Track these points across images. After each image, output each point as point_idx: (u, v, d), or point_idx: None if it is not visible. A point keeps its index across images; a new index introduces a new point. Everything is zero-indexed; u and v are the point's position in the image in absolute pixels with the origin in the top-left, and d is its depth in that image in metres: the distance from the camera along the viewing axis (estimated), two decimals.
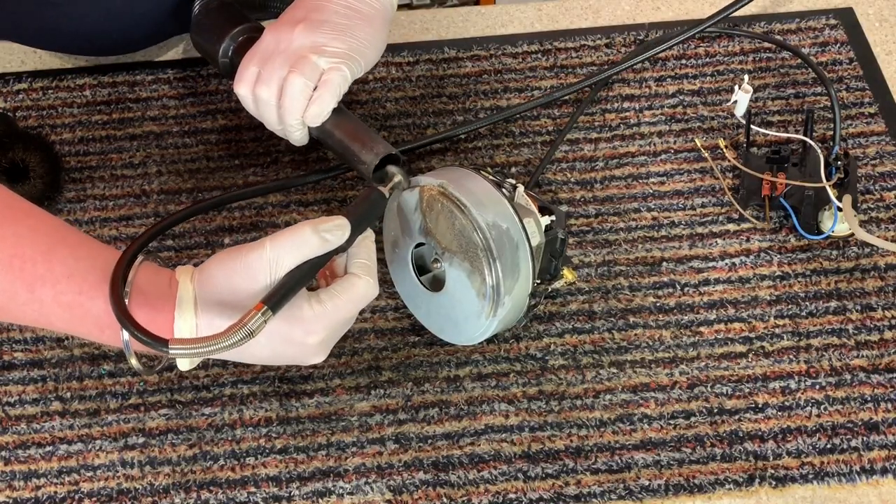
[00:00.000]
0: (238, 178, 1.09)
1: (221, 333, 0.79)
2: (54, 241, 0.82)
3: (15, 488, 0.92)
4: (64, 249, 0.82)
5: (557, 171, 1.09)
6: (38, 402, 0.97)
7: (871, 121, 1.11)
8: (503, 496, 0.91)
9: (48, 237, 0.82)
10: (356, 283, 0.85)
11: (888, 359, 0.97)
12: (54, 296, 0.82)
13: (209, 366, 0.98)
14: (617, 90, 1.14)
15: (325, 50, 0.98)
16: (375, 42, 1.01)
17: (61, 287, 0.82)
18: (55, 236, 0.83)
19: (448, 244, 0.93)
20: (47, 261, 0.81)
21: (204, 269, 0.84)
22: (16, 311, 0.83)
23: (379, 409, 0.96)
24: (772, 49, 1.16)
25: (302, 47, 0.98)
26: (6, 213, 0.83)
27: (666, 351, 0.98)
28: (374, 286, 0.86)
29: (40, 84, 1.15)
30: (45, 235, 0.82)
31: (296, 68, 0.97)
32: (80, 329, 0.84)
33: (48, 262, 0.81)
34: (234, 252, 0.83)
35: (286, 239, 0.82)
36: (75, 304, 0.82)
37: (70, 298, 0.82)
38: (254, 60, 1.00)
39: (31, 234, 0.82)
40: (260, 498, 0.92)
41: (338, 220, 0.84)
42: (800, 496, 0.91)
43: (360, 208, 0.88)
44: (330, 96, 0.98)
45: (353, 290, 0.85)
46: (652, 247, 1.04)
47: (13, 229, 0.82)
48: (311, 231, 0.83)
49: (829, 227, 1.02)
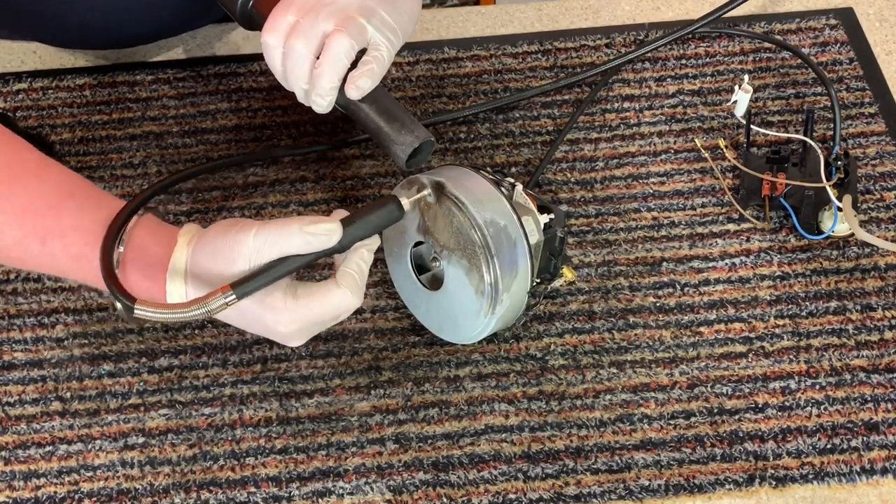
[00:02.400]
0: (238, 179, 1.09)
1: (184, 304, 0.82)
2: (63, 195, 0.85)
3: (15, 488, 0.92)
4: (72, 203, 0.85)
5: (557, 171, 1.09)
6: (38, 402, 0.97)
7: (871, 121, 1.11)
8: (503, 496, 0.91)
9: (58, 191, 0.85)
10: (332, 292, 0.84)
11: (888, 359, 0.97)
12: (63, 248, 0.84)
13: (209, 366, 0.98)
14: (617, 90, 1.14)
15: (375, 15, 0.90)
16: (413, 19, 0.94)
17: (69, 239, 0.84)
18: (65, 190, 0.85)
19: (446, 242, 0.93)
20: (56, 214, 0.84)
21: (201, 236, 0.85)
22: (31, 262, 0.87)
23: (379, 409, 0.96)
24: (772, 49, 1.16)
25: (350, 6, 0.90)
26: (19, 168, 0.85)
27: (666, 351, 0.98)
28: (351, 299, 0.85)
29: (40, 84, 1.15)
30: (56, 189, 0.85)
31: (343, 27, 0.89)
32: (88, 279, 0.86)
33: (57, 215, 0.84)
34: (229, 227, 0.84)
35: (271, 232, 0.83)
36: (82, 255, 0.84)
37: (77, 250, 0.84)
38: (291, 9, 0.90)
39: (42, 187, 0.85)
40: (260, 498, 0.92)
41: (329, 225, 0.83)
42: (800, 496, 0.91)
43: (368, 213, 0.87)
44: (379, 69, 0.90)
45: (326, 297, 0.84)
46: (652, 247, 1.04)
47: (25, 183, 0.84)
48: (297, 230, 0.83)
49: (829, 227, 1.02)
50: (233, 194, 1.08)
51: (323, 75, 0.90)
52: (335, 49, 0.89)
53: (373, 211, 0.87)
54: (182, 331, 1.00)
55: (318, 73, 0.90)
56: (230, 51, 1.18)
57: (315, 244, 0.83)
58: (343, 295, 0.85)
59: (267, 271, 0.83)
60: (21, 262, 0.88)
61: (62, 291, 1.02)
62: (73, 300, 1.02)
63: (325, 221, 0.84)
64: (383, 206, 0.88)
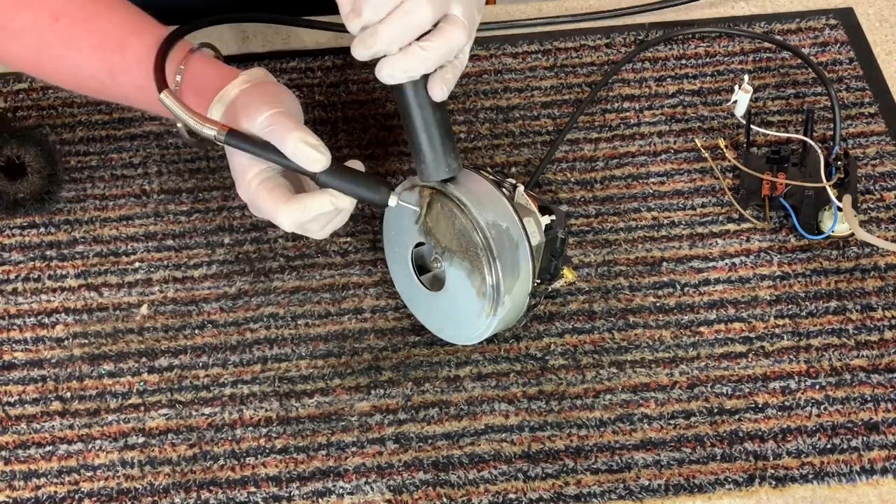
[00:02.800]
0: None
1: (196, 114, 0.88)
2: (128, 33, 0.94)
3: (15, 488, 0.92)
4: (136, 40, 0.93)
5: (557, 171, 1.09)
6: (38, 402, 0.97)
7: (871, 121, 1.11)
8: (503, 496, 0.91)
9: (123, 29, 0.94)
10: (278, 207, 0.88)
11: (888, 359, 0.97)
12: (129, 80, 0.94)
13: (209, 366, 0.98)
14: (617, 90, 1.14)
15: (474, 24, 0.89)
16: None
17: (134, 73, 0.94)
18: (129, 28, 0.94)
19: (448, 244, 0.93)
20: (122, 51, 0.93)
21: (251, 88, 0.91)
22: (106, 92, 0.97)
23: (379, 409, 0.96)
24: (772, 49, 1.17)
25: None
26: (92, 9, 0.95)
27: (666, 351, 0.98)
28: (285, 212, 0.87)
29: (40, 84, 1.15)
30: (121, 27, 0.94)
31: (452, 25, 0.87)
32: (151, 107, 0.96)
33: (122, 52, 0.93)
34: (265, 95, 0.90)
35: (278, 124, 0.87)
36: (146, 87, 0.92)
37: (141, 82, 0.93)
38: None
39: (109, 27, 0.94)
40: (260, 498, 0.92)
41: (318, 155, 0.87)
42: (800, 496, 0.91)
43: (358, 177, 0.89)
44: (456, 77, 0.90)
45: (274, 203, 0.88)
46: (652, 247, 1.04)
47: (97, 24, 0.94)
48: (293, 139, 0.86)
49: (829, 227, 1.02)
50: (233, 194, 1.08)
51: (426, 60, 0.87)
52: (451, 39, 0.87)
53: (364, 179, 0.89)
54: (182, 330, 1.00)
55: (421, 54, 0.87)
56: (230, 51, 1.18)
57: (297, 156, 0.87)
58: (282, 213, 0.88)
59: (258, 145, 0.88)
60: (98, 92, 0.98)
61: (62, 291, 1.02)
62: (73, 300, 1.02)
63: (320, 151, 0.87)
64: (375, 183, 0.90)
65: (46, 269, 1.04)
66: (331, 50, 1.18)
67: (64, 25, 0.93)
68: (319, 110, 1.14)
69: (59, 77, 0.97)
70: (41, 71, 0.98)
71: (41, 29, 0.93)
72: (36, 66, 0.97)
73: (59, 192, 1.07)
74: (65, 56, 0.94)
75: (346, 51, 1.17)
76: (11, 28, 0.93)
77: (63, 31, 0.93)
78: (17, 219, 1.06)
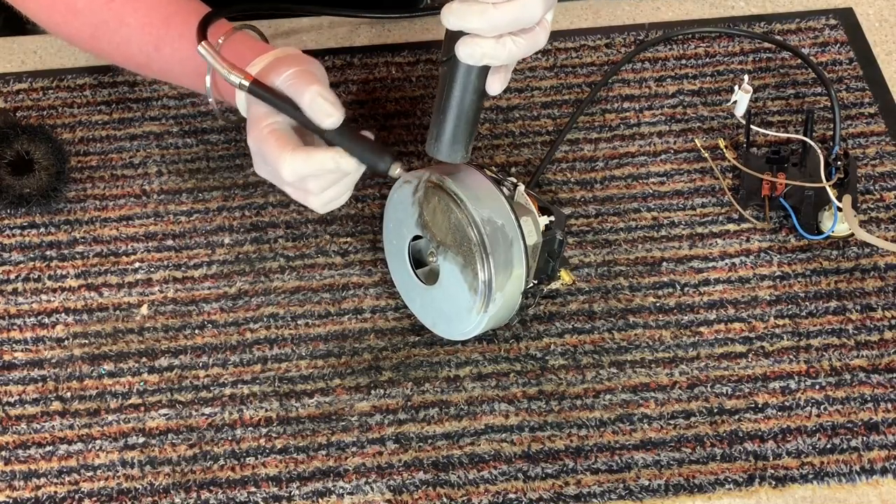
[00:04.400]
0: (238, 178, 1.09)
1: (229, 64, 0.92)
2: (173, 11, 1.01)
3: (15, 488, 0.92)
4: (179, 17, 1.00)
5: (557, 171, 1.09)
6: (38, 402, 0.97)
7: (871, 121, 1.11)
8: (503, 496, 0.91)
9: (168, 7, 1.01)
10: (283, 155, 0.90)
11: (888, 359, 0.97)
12: (172, 52, 1.00)
13: (209, 366, 0.98)
14: (617, 90, 1.14)
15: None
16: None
17: (176, 45, 1.00)
18: (174, 6, 1.01)
19: (443, 238, 0.93)
20: (167, 26, 1.00)
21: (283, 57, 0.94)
22: (152, 66, 1.03)
23: (379, 409, 0.96)
24: (772, 49, 1.17)
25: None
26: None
27: (666, 351, 0.98)
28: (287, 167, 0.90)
29: (40, 84, 1.15)
30: (167, 6, 1.01)
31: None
32: (192, 81, 1.02)
33: (167, 26, 1.00)
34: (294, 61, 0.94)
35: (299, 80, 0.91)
36: (187, 58, 0.99)
37: (183, 54, 1.00)
38: None
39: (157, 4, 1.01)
40: (260, 498, 0.92)
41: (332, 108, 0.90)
42: (800, 496, 0.91)
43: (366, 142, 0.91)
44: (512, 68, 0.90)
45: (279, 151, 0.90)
46: (652, 247, 1.04)
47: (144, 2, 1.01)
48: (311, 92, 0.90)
49: (829, 227, 1.02)
50: (233, 194, 1.08)
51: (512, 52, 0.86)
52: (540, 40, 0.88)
53: (371, 144, 0.91)
54: (182, 330, 1.00)
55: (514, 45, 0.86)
56: None
57: (313, 109, 0.90)
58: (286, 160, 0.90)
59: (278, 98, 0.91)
60: (145, 66, 1.04)
61: (62, 291, 1.02)
62: (73, 300, 1.02)
63: (335, 107, 0.90)
64: (381, 151, 0.91)
65: (46, 269, 1.04)
66: (331, 50, 1.18)
67: (118, 4, 1.01)
68: None
69: (112, 51, 1.04)
70: (96, 46, 1.04)
71: (98, 8, 1.01)
72: (92, 41, 1.04)
73: (64, 191, 1.07)
74: (117, 31, 1.01)
75: (346, 51, 1.17)
76: (75, 7, 1.02)
77: (117, 8, 1.01)
78: (20, 217, 1.06)
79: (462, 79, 0.88)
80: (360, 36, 1.19)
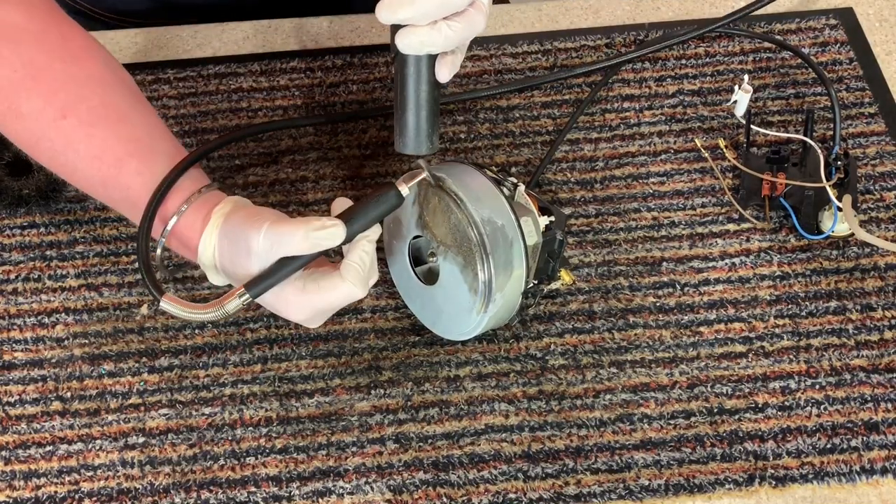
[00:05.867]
0: (238, 178, 1.09)
1: (205, 306, 0.88)
2: (128, 153, 0.92)
3: (15, 488, 0.93)
4: (133, 162, 0.92)
5: (557, 171, 1.09)
6: (38, 402, 0.97)
7: (871, 121, 1.11)
8: (503, 496, 0.91)
9: (125, 147, 0.92)
10: (337, 287, 0.88)
11: (888, 359, 0.97)
12: (121, 196, 0.93)
13: (209, 366, 0.98)
14: (617, 90, 1.14)
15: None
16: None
17: (124, 194, 0.92)
18: (132, 147, 0.92)
19: (443, 238, 0.93)
20: (118, 168, 0.92)
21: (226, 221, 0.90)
22: (98, 196, 0.96)
23: (379, 409, 0.96)
24: (772, 49, 1.16)
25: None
26: (103, 114, 0.93)
27: (666, 351, 0.98)
28: (356, 291, 0.88)
29: None
30: (125, 145, 0.92)
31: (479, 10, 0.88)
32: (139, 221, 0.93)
33: (118, 169, 0.92)
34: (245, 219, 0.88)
35: (278, 235, 0.87)
36: (135, 213, 0.92)
37: (129, 206, 0.93)
38: None
39: (114, 141, 0.92)
40: (260, 498, 0.92)
41: (332, 229, 0.86)
42: (800, 496, 0.91)
43: (368, 205, 0.89)
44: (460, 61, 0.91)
45: (332, 291, 0.88)
46: (652, 247, 1.04)
47: (102, 133, 0.92)
48: (303, 236, 0.86)
49: (829, 227, 1.02)
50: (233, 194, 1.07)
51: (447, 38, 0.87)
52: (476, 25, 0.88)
53: (372, 202, 0.89)
54: (182, 330, 1.00)
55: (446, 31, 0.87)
56: (230, 51, 1.18)
57: (319, 245, 0.87)
58: (348, 288, 0.88)
59: (277, 271, 0.87)
60: (90, 195, 0.98)
61: (62, 291, 1.02)
62: (73, 300, 1.02)
63: (329, 224, 0.87)
64: (382, 195, 0.89)
65: (46, 269, 1.04)
66: (331, 50, 1.18)
67: (69, 125, 0.92)
68: (319, 110, 1.14)
69: (53, 168, 0.96)
70: (36, 157, 0.96)
71: (45, 122, 0.92)
72: (32, 150, 0.95)
73: (64, 191, 1.07)
74: (62, 153, 0.93)
75: (346, 51, 1.17)
76: (18, 110, 0.92)
77: (67, 130, 0.92)
78: (20, 217, 1.06)
79: (412, 71, 0.90)
80: (359, 36, 1.19)
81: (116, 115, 0.93)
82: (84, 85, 0.93)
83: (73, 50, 0.95)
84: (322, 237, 0.86)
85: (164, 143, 0.94)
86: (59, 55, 0.94)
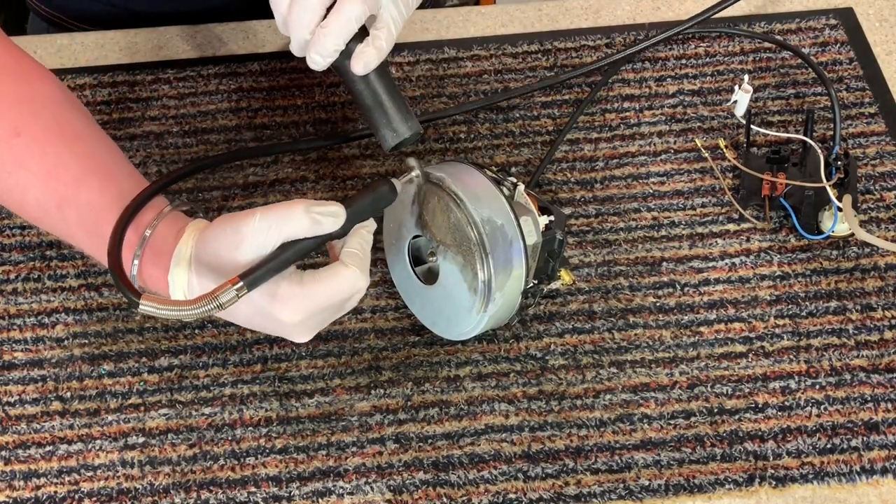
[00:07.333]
0: (238, 178, 1.09)
1: (192, 301, 0.80)
2: (89, 170, 0.87)
3: (15, 488, 0.93)
4: (94, 180, 0.86)
5: (557, 171, 1.09)
6: (38, 402, 0.97)
7: (871, 121, 1.11)
8: (503, 496, 0.91)
9: (84, 165, 0.87)
10: (340, 273, 0.84)
11: (888, 359, 0.97)
12: (78, 219, 0.87)
13: (209, 366, 0.98)
14: (617, 90, 1.14)
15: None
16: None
17: (84, 213, 0.86)
18: (91, 165, 0.87)
19: (443, 237, 0.93)
20: (76, 186, 0.86)
21: (206, 229, 0.85)
22: (48, 223, 0.89)
23: (379, 409, 0.96)
24: (772, 49, 1.17)
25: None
26: (57, 132, 0.88)
27: (666, 351, 0.98)
28: (360, 278, 0.84)
29: None
30: (83, 162, 0.87)
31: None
32: (97, 254, 0.87)
33: (77, 187, 0.86)
34: (231, 218, 0.83)
35: (277, 213, 0.82)
36: (94, 231, 0.86)
37: (91, 226, 0.86)
38: None
39: (70, 158, 0.87)
40: (260, 498, 0.92)
41: (333, 207, 0.83)
42: (800, 496, 0.91)
43: (364, 197, 0.87)
44: (388, 44, 0.88)
45: (335, 278, 0.84)
46: (652, 247, 1.04)
47: (57, 150, 0.87)
48: (304, 210, 0.82)
49: (829, 227, 1.02)
50: (233, 194, 1.08)
51: (329, 35, 0.86)
52: (347, 12, 0.86)
53: (368, 194, 0.88)
54: (182, 330, 1.00)
55: (324, 31, 0.86)
56: (230, 51, 1.18)
57: (324, 225, 0.83)
58: (352, 274, 0.84)
59: (275, 258, 0.82)
60: (39, 222, 0.90)
61: (62, 291, 1.02)
62: (73, 300, 1.02)
63: (329, 204, 0.83)
64: (377, 188, 0.88)
65: (46, 269, 1.04)
66: None
67: (22, 142, 0.87)
68: (319, 110, 1.14)
69: (2, 195, 0.89)
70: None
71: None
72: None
73: None
74: (14, 173, 0.87)
75: None
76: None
77: (20, 147, 0.87)
78: (20, 217, 1.06)
79: (345, 77, 0.90)
80: None
81: (72, 134, 0.89)
82: (37, 103, 0.89)
83: (25, 71, 0.91)
84: (323, 213, 0.82)
85: (123, 163, 0.90)
86: (11, 76, 0.90)
